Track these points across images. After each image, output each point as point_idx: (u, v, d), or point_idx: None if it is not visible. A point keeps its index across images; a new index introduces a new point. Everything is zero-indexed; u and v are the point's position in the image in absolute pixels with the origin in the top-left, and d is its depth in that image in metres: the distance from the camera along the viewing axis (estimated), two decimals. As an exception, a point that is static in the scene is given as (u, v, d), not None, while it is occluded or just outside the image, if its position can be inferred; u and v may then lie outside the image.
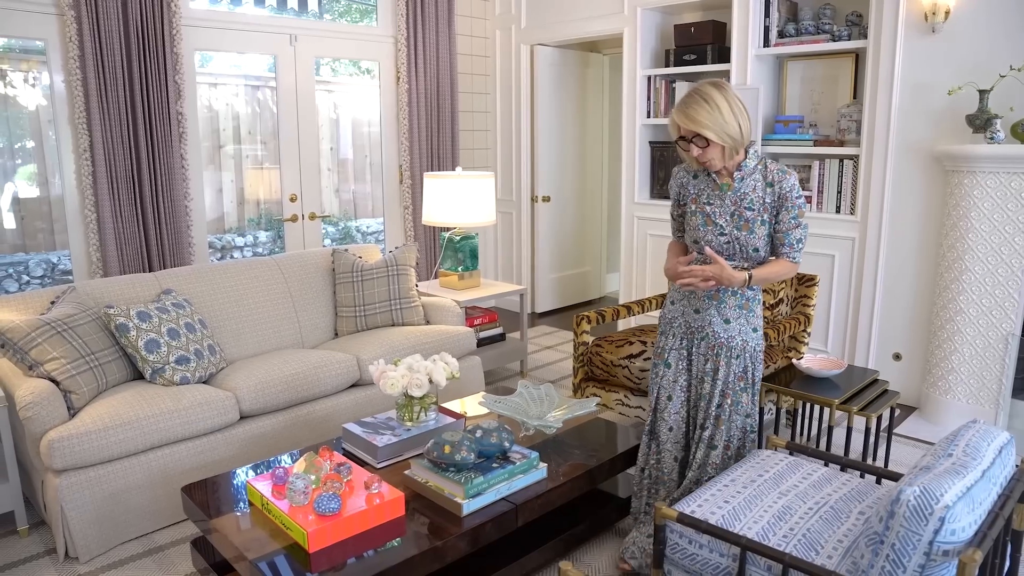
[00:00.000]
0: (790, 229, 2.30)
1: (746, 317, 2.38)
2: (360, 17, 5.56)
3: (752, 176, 2.29)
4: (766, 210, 2.29)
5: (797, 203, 2.28)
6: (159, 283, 3.34)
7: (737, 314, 2.37)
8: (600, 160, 6.59)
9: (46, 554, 2.67)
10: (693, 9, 4.86)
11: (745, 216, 2.29)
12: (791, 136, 4.28)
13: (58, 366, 2.72)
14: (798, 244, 2.32)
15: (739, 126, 2.19)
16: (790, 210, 2.28)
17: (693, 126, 2.18)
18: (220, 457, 2.93)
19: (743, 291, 2.36)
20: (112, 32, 3.84)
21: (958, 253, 3.58)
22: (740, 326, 2.38)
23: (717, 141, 2.19)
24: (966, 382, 3.64)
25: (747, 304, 2.38)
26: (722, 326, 2.38)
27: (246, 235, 5.53)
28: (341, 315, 3.83)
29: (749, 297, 2.38)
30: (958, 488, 1.71)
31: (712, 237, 2.33)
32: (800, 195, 2.29)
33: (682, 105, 2.21)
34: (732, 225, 2.31)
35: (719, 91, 2.19)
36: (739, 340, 2.38)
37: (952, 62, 3.62)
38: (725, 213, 2.31)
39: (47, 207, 4.18)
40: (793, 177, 2.28)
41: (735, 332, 2.37)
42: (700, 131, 2.17)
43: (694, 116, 2.17)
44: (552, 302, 6.29)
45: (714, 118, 2.16)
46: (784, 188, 2.27)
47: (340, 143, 5.85)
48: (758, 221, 2.29)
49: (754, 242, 2.30)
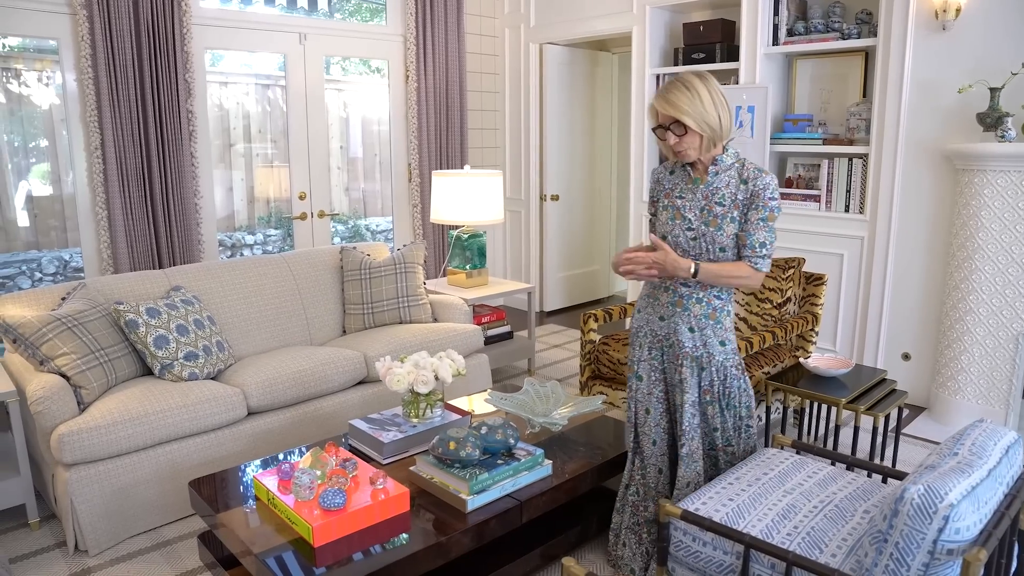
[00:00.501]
0: (755, 230, 2.17)
1: (712, 328, 2.27)
2: (370, 16, 5.57)
3: (727, 172, 2.21)
4: (737, 207, 2.19)
5: (769, 204, 2.16)
6: (168, 280, 3.36)
7: (703, 324, 2.26)
8: (609, 159, 6.58)
9: (56, 547, 2.70)
10: (702, 7, 4.85)
11: (715, 211, 2.20)
12: (800, 135, 4.26)
13: (68, 361, 2.75)
14: (761, 248, 2.16)
15: (719, 118, 2.13)
16: (759, 209, 2.16)
17: (672, 111, 2.12)
18: (228, 453, 2.96)
19: (709, 300, 2.25)
20: (123, 31, 3.87)
21: (968, 252, 3.55)
22: (706, 337, 2.27)
23: (695, 129, 2.12)
24: (976, 382, 3.62)
25: (713, 314, 2.26)
26: (687, 335, 2.28)
27: (256, 233, 5.56)
28: (349, 312, 3.84)
29: (716, 307, 2.26)
30: (963, 487, 1.71)
31: (680, 232, 2.25)
32: (774, 197, 2.16)
33: (662, 91, 2.15)
34: (701, 220, 2.22)
35: (701, 81, 2.14)
36: (704, 352, 2.27)
37: (962, 60, 3.60)
38: (695, 207, 2.23)
39: (60, 205, 4.22)
40: (770, 178, 2.17)
41: (699, 343, 2.27)
42: (679, 116, 2.11)
43: (674, 101, 2.11)
44: (560, 301, 6.29)
45: (694, 105, 2.10)
46: (757, 186, 2.16)
47: (350, 141, 5.88)
48: (727, 218, 2.19)
49: (721, 240, 2.19)
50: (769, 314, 3.52)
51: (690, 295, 2.27)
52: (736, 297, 3.64)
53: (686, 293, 2.27)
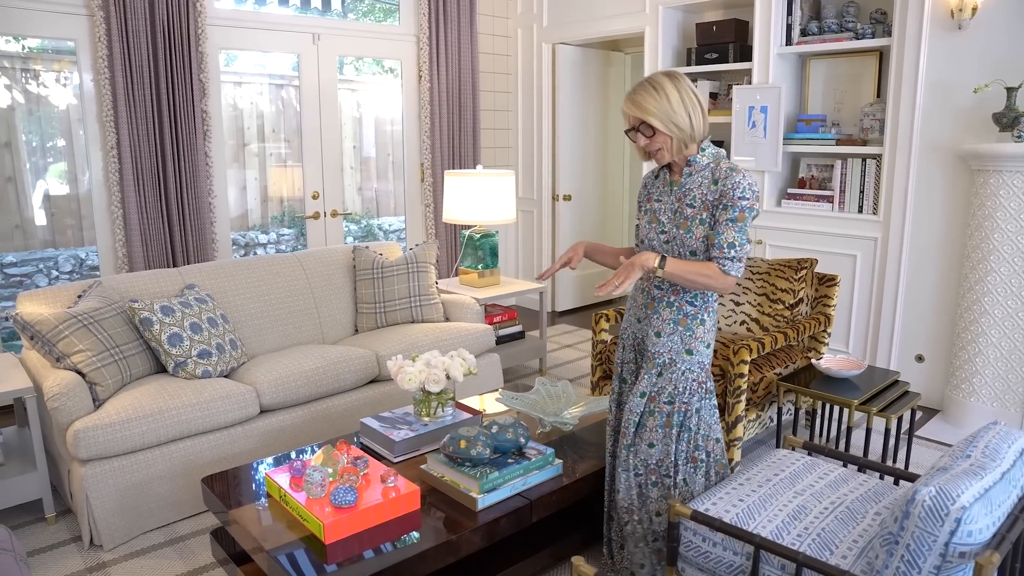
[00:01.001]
0: (723, 230, 2.06)
1: (681, 335, 2.17)
2: (384, 17, 5.60)
3: (701, 173, 2.14)
4: (706, 208, 2.10)
5: (739, 204, 2.05)
6: (182, 278, 3.40)
7: (671, 329, 2.18)
8: (621, 159, 6.57)
9: (72, 541, 2.73)
10: (715, 7, 4.84)
11: (685, 213, 2.13)
12: (813, 135, 4.24)
13: (84, 358, 2.78)
14: (729, 249, 2.05)
15: (689, 118, 2.07)
16: (728, 209, 2.06)
17: (638, 112, 2.07)
18: (240, 450, 2.98)
19: (680, 305, 2.17)
20: (139, 32, 3.91)
21: (983, 254, 3.52)
22: (672, 343, 2.18)
23: (663, 130, 2.06)
24: (991, 384, 3.59)
25: (684, 320, 2.17)
26: (652, 339, 2.21)
27: (269, 232, 5.59)
28: (361, 311, 3.86)
29: (687, 312, 2.17)
30: (975, 489, 1.70)
31: (654, 235, 2.20)
32: (745, 197, 2.05)
33: (630, 92, 2.10)
34: (672, 223, 2.16)
35: (671, 80, 2.08)
36: (666, 358, 2.18)
37: (978, 59, 3.57)
38: (669, 210, 2.18)
39: (76, 204, 4.26)
40: (740, 176, 2.06)
41: (664, 348, 2.18)
42: (644, 118, 2.06)
43: (639, 102, 2.07)
44: (572, 301, 6.29)
45: (660, 106, 2.05)
46: (727, 185, 2.06)
47: (363, 141, 5.90)
48: (696, 220, 2.11)
49: (691, 243, 2.12)
50: (781, 315, 3.50)
51: (661, 298, 2.20)
52: (748, 297, 3.62)
53: (658, 296, 2.21)
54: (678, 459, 2.21)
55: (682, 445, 2.20)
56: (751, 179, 2.09)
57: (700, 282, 2.07)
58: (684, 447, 2.21)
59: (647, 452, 2.22)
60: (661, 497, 2.23)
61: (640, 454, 2.23)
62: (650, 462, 2.22)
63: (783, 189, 4.47)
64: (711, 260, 2.10)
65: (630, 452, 2.25)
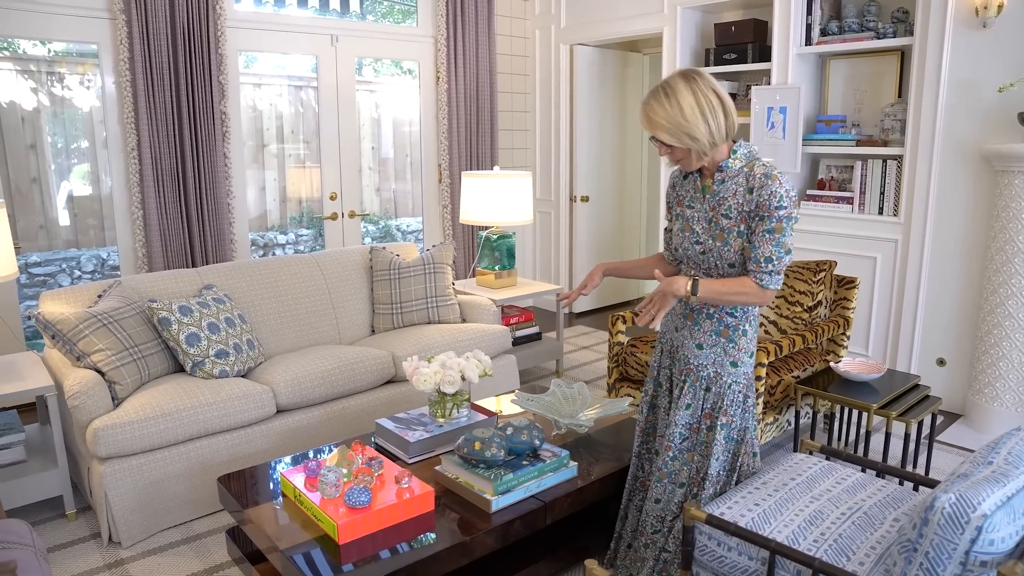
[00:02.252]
0: (760, 243, 1.95)
1: (724, 346, 2.10)
2: (402, 18, 5.62)
3: (735, 179, 2.01)
4: (743, 220, 1.98)
5: (776, 214, 1.92)
6: (201, 278, 3.43)
7: (713, 341, 2.10)
8: (639, 160, 6.55)
9: (91, 538, 2.76)
10: (734, 8, 4.80)
11: (721, 224, 2.01)
12: (833, 136, 4.19)
13: (103, 357, 2.82)
14: (767, 264, 1.94)
15: (706, 125, 1.92)
16: (765, 220, 1.94)
17: (648, 127, 1.96)
18: (257, 449, 3.00)
19: (721, 316, 2.09)
20: (160, 34, 3.95)
21: (1007, 256, 3.46)
22: (715, 355, 2.10)
23: (676, 144, 1.95)
24: (1015, 389, 3.53)
25: (725, 331, 2.09)
26: (694, 351, 2.14)
27: (288, 233, 5.63)
28: (378, 312, 3.88)
29: (728, 324, 2.09)
30: (997, 497, 1.66)
31: (689, 246, 2.11)
32: (783, 206, 1.92)
33: (644, 101, 1.98)
34: (708, 234, 2.05)
35: (686, 83, 1.93)
36: (711, 371, 2.12)
37: (1004, 58, 3.51)
38: (703, 219, 2.06)
39: (98, 204, 4.32)
40: (777, 184, 1.93)
41: (707, 361, 2.11)
42: (655, 133, 1.95)
43: (650, 115, 1.95)
44: (590, 302, 6.27)
45: (671, 117, 1.91)
46: (763, 195, 1.93)
47: (381, 142, 5.92)
48: (734, 232, 2.00)
49: (729, 256, 2.02)
50: (799, 317, 3.47)
51: (701, 309, 2.12)
52: (766, 300, 3.59)
53: (697, 307, 2.13)
54: (721, 469, 2.17)
55: (727, 456, 2.18)
56: (788, 184, 1.96)
57: (738, 300, 1.99)
58: (727, 457, 2.18)
59: (700, 463, 2.17)
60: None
61: (688, 469, 2.19)
62: (695, 475, 2.18)
63: (802, 190, 4.42)
64: (747, 273, 2.01)
65: (678, 464, 2.20)
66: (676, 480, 2.21)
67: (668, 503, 2.23)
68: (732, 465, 2.22)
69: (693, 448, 2.19)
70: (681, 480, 2.20)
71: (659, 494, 2.23)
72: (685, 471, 2.20)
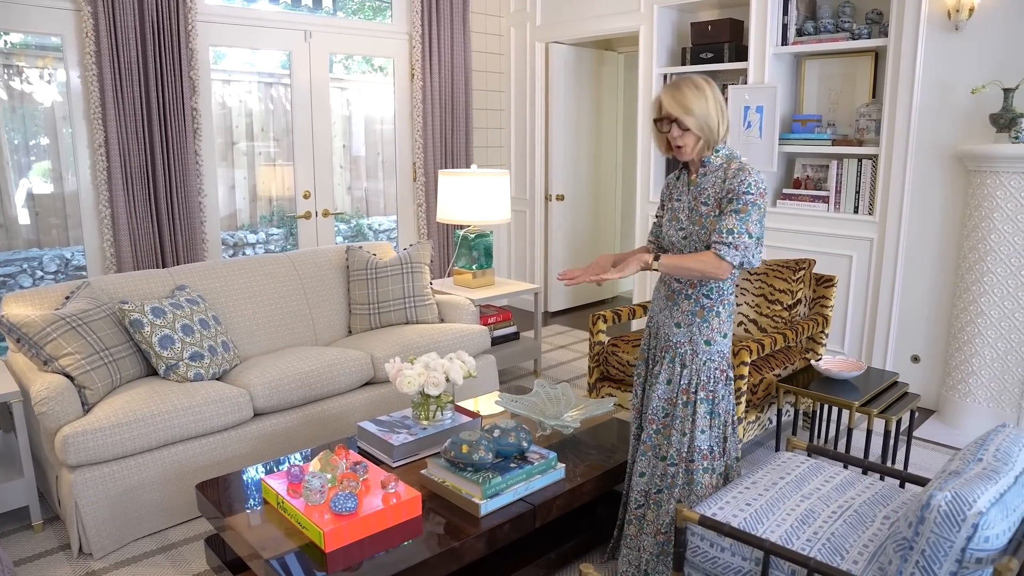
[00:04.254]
0: (725, 218, 2.12)
1: (699, 326, 2.25)
2: (373, 15, 5.53)
3: (715, 173, 2.21)
4: (718, 206, 2.18)
5: (743, 197, 2.11)
6: (173, 279, 3.33)
7: (689, 320, 2.26)
8: (614, 159, 6.55)
9: (60, 549, 2.66)
10: (710, 7, 4.82)
11: (700, 211, 2.22)
12: (809, 135, 4.23)
13: (73, 361, 2.71)
14: (727, 235, 2.10)
15: (718, 123, 2.16)
16: (733, 202, 2.12)
17: (680, 111, 2.14)
18: (234, 454, 2.92)
19: (697, 298, 2.24)
20: (128, 27, 3.83)
21: (980, 254, 3.52)
22: (691, 334, 2.25)
23: (696, 131, 2.15)
24: (987, 385, 3.59)
25: (701, 312, 2.24)
26: (672, 330, 2.30)
27: (258, 232, 5.52)
28: (355, 312, 3.81)
29: (704, 305, 2.24)
30: (991, 494, 1.67)
31: (673, 232, 2.30)
32: (751, 192, 2.11)
33: (672, 88, 2.17)
34: (689, 220, 2.25)
35: (708, 84, 2.17)
36: (687, 348, 2.26)
37: (976, 60, 3.57)
38: (687, 208, 2.27)
39: (61, 203, 4.17)
40: (748, 174, 2.13)
41: (684, 339, 2.27)
42: (684, 118, 2.13)
43: (684, 101, 2.14)
44: (565, 301, 6.25)
45: (701, 106, 2.13)
46: (735, 183, 2.13)
47: (353, 140, 5.84)
48: (710, 217, 2.20)
49: (706, 238, 2.19)
50: (779, 316, 3.49)
51: (680, 291, 2.29)
52: (746, 298, 3.60)
53: (677, 288, 2.30)
54: (713, 445, 2.27)
55: (715, 432, 2.27)
56: (759, 177, 2.15)
57: (695, 268, 2.12)
58: (717, 433, 2.27)
59: (680, 440, 2.27)
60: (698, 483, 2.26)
61: (674, 443, 2.27)
62: (682, 450, 2.26)
63: (778, 189, 4.46)
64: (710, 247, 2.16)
65: (660, 438, 2.31)
66: (659, 453, 2.31)
67: (652, 477, 2.32)
68: (723, 447, 2.29)
69: (673, 424, 2.28)
70: (663, 454, 2.30)
71: (644, 467, 2.34)
72: (666, 445, 2.30)
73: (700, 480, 2.26)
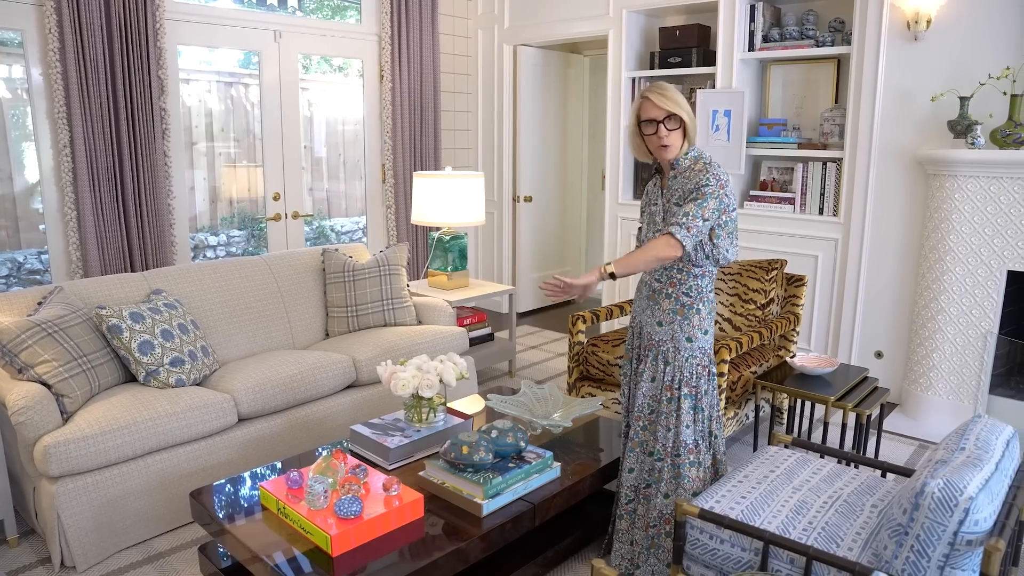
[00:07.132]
0: (685, 203, 2.23)
1: (680, 323, 2.32)
2: (332, 14, 5.47)
3: (684, 174, 2.31)
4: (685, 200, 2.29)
5: (702, 188, 2.20)
6: (148, 283, 3.25)
7: (670, 318, 2.34)
8: (580, 161, 6.62)
9: (39, 563, 2.58)
10: (678, 12, 4.92)
11: (672, 210, 2.31)
12: (775, 139, 4.36)
13: (50, 369, 2.63)
14: (682, 217, 2.17)
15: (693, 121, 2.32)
16: (693, 192, 2.22)
17: (673, 107, 2.24)
18: (219, 460, 2.87)
19: (678, 296, 2.32)
20: (94, 25, 3.72)
21: (939, 254, 3.69)
22: (673, 331, 2.33)
23: (688, 122, 2.27)
24: (946, 379, 3.76)
25: (681, 310, 2.32)
26: (655, 328, 2.38)
27: (219, 234, 5.41)
28: (332, 315, 3.78)
29: (684, 303, 2.32)
30: (978, 480, 1.77)
31: (651, 233, 2.39)
32: (710, 184, 2.21)
33: (657, 89, 2.27)
34: (663, 219, 2.35)
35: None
36: (670, 346, 2.34)
37: (934, 69, 3.73)
38: (661, 209, 2.36)
39: (11, 204, 4.01)
40: (712, 169, 2.24)
41: (666, 336, 2.34)
42: (678, 111, 2.24)
43: (673, 98, 2.25)
44: (533, 302, 6.30)
45: (683, 103, 2.27)
46: (699, 177, 2.24)
47: (314, 141, 5.77)
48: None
49: None
50: (753, 315, 3.59)
51: (660, 290, 2.37)
52: (720, 298, 3.70)
53: (658, 288, 2.38)
54: (699, 439, 2.35)
55: (700, 426, 2.35)
56: (721, 171, 2.27)
57: (647, 256, 2.17)
58: (702, 427, 2.35)
59: (665, 436, 2.34)
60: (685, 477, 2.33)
61: (660, 439, 2.35)
62: (667, 445, 2.34)
63: (745, 191, 4.58)
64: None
65: (647, 434, 2.39)
66: (646, 449, 2.40)
67: (640, 472, 2.41)
68: (709, 443, 2.37)
69: (658, 420, 2.36)
70: (650, 449, 2.39)
71: (632, 463, 2.43)
72: (652, 441, 2.39)
73: (687, 474, 2.33)
